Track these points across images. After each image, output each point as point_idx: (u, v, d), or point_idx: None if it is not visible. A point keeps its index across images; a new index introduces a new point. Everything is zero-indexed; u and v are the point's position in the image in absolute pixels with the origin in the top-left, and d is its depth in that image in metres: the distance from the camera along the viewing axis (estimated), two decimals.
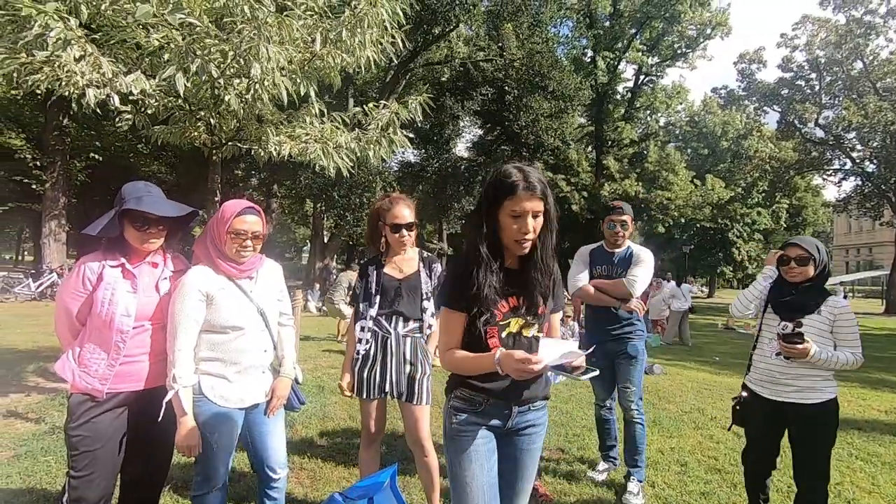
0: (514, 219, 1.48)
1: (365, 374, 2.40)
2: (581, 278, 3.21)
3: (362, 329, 2.42)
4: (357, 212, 19.50)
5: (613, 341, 3.14)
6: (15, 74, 3.01)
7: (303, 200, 25.63)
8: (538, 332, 1.61)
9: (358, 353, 2.42)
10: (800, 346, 2.19)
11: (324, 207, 20.75)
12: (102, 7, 3.33)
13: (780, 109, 28.67)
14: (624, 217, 3.16)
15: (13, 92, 12.52)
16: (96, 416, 1.85)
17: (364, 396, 2.41)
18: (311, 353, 7.14)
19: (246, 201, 2.03)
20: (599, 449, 3.47)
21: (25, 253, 37.14)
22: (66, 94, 3.11)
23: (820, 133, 27.62)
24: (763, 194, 32.34)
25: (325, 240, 22.83)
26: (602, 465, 3.33)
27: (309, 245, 27.71)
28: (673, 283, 12.43)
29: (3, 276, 14.45)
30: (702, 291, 36.35)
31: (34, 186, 15.76)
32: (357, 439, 3.73)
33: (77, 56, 2.96)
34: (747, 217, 32.81)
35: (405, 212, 2.40)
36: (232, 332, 1.97)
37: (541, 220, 1.51)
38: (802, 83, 27.84)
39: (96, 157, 17.77)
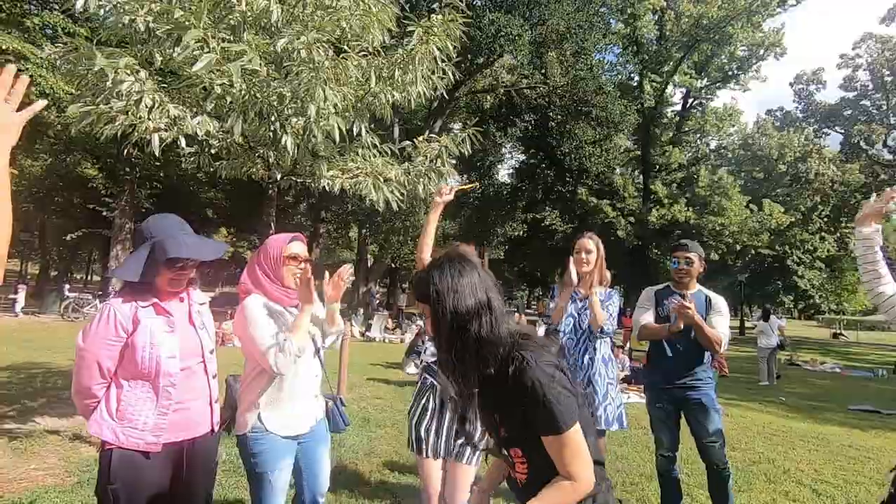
0: None
1: (422, 431, 2.26)
2: (643, 321, 3.04)
3: (421, 362, 2.39)
4: (400, 236, 19.81)
5: (681, 388, 2.91)
6: (94, 123, 3.26)
7: (348, 225, 26.27)
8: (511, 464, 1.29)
9: (416, 404, 2.36)
10: None
11: (368, 232, 21.19)
12: (174, 54, 3.56)
13: (842, 131, 27.19)
14: (689, 254, 2.96)
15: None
16: (143, 477, 1.69)
17: (424, 455, 2.25)
18: (355, 381, 7.13)
19: (290, 233, 2.14)
20: None
21: (94, 274, 39.86)
22: (137, 138, 3.34)
23: (889, 155, 25.90)
24: (825, 219, 30.43)
25: (369, 264, 23.20)
26: None
27: (352, 267, 28.27)
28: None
29: (74, 297, 15.47)
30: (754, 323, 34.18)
31: (104, 213, 16.95)
32: (404, 477, 3.65)
33: (148, 105, 3.17)
34: (808, 244, 30.90)
35: None
36: None
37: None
38: (868, 103, 26.36)
39: (158, 185, 19.00)
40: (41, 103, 1.10)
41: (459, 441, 2.22)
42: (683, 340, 2.87)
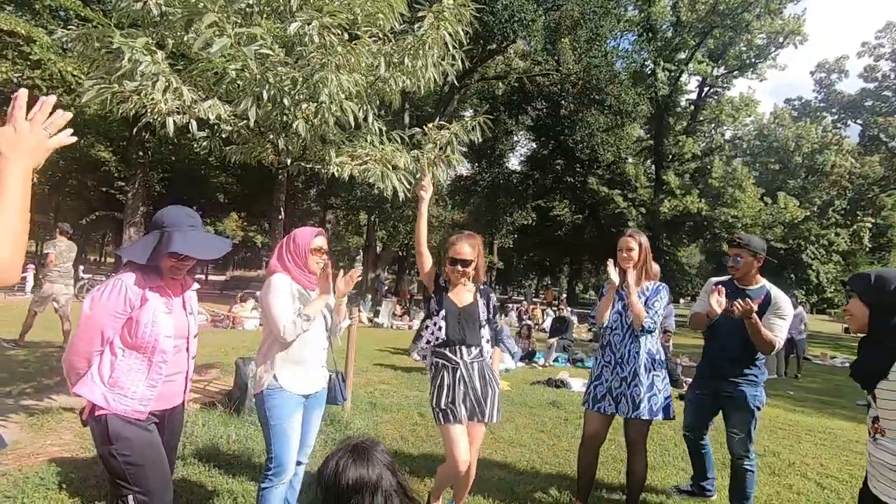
0: None
1: (443, 404, 2.54)
2: (695, 310, 3.14)
3: (423, 348, 2.68)
4: (409, 224, 19.85)
5: (720, 380, 2.99)
6: (107, 102, 3.28)
7: (358, 212, 26.34)
8: None
9: (433, 386, 2.64)
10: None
11: (377, 219, 21.25)
12: (186, 38, 3.57)
13: (862, 122, 26.57)
14: (738, 251, 2.90)
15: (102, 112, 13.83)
16: (140, 434, 1.87)
17: (450, 422, 2.53)
18: (362, 366, 7.19)
19: (314, 228, 2.51)
20: (693, 479, 3.41)
21: (107, 256, 40.48)
22: (151, 120, 3.36)
23: None
24: (842, 213, 29.87)
25: (378, 251, 23.29)
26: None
27: (361, 254, 28.42)
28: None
29: (88, 278, 15.77)
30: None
31: (118, 196, 17.15)
32: (409, 461, 3.69)
33: (162, 87, 3.19)
34: (823, 238, 30.37)
35: (465, 249, 2.61)
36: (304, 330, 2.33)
37: None
38: (889, 94, 25.68)
39: (170, 169, 19.15)
40: (71, 138, 1.20)
41: (479, 406, 2.57)
42: (734, 336, 2.85)
